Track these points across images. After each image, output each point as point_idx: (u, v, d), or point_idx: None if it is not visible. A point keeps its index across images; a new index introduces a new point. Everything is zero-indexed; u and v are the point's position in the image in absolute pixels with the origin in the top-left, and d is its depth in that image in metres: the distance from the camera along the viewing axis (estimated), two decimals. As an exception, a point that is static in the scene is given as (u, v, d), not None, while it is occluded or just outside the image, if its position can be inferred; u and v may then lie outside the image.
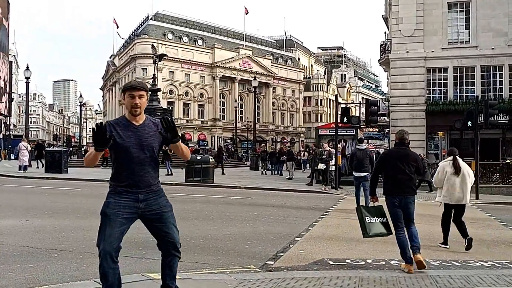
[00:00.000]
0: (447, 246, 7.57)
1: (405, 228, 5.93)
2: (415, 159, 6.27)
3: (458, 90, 25.14)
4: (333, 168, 18.17)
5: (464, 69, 25.07)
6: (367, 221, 6.07)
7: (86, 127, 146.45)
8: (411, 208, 6.09)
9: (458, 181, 7.51)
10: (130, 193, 3.45)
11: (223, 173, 25.13)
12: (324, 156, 18.43)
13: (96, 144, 3.32)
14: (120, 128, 3.45)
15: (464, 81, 25.10)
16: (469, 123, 16.90)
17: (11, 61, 66.40)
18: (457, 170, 7.49)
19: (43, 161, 24.56)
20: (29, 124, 31.64)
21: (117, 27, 77.40)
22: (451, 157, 7.73)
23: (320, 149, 20.19)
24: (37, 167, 26.49)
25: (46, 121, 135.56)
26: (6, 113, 55.40)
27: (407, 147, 6.46)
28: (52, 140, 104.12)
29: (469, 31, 25.12)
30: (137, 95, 3.45)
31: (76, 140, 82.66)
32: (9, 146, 44.78)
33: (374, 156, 13.07)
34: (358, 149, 12.56)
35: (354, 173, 12.31)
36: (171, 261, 3.60)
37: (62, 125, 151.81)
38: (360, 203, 7.90)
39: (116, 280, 3.42)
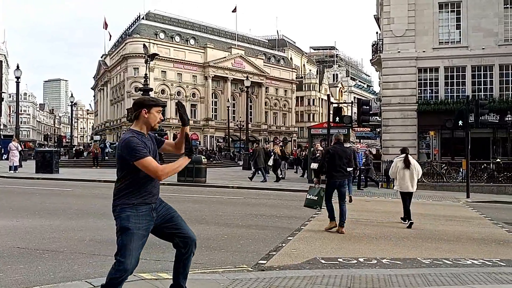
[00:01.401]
0: (405, 222, 9.61)
1: (339, 203, 8.54)
2: (350, 154, 9.10)
3: (449, 90, 25.31)
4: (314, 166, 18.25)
5: (455, 69, 25.24)
6: (307, 196, 8.81)
7: (78, 127, 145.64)
8: (344, 188, 8.82)
9: (408, 174, 9.53)
10: (147, 204, 3.44)
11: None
12: (318, 155, 18.47)
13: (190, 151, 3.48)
14: (145, 141, 3.46)
15: (455, 81, 25.28)
16: (460, 123, 17.04)
17: (1, 61, 65.81)
18: (407, 165, 9.53)
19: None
20: (19, 124, 31.35)
21: (106, 27, 76.82)
22: (403, 155, 9.73)
23: (312, 149, 20.25)
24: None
25: (37, 121, 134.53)
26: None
27: (343, 145, 9.11)
28: (43, 140, 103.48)
29: (460, 31, 25.30)
30: (160, 112, 3.58)
31: (67, 140, 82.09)
32: (-1, 147, 44.36)
33: (355, 153, 14.43)
34: (345, 148, 12.91)
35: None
36: (187, 259, 3.64)
37: (53, 125, 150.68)
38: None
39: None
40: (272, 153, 23.93)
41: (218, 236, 7.50)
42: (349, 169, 12.57)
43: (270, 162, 22.69)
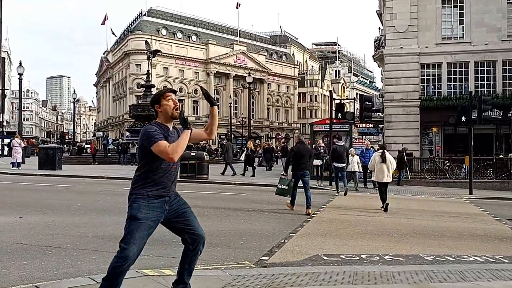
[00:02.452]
0: (386, 210, 10.98)
1: (304, 190, 10.39)
2: (309, 151, 11.45)
3: (452, 86, 25.24)
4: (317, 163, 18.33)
5: (458, 64, 25.15)
6: (278, 186, 11.03)
7: (80, 123, 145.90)
8: (307, 179, 10.64)
9: (384, 167, 11.14)
10: (160, 196, 3.50)
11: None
12: (322, 151, 18.50)
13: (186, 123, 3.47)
14: (165, 133, 3.50)
15: (458, 76, 25.20)
16: (463, 119, 16.97)
17: (4, 58, 65.89)
18: (383, 159, 11.14)
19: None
20: (22, 120, 31.41)
21: (103, 23, 76.74)
22: (381, 150, 11.52)
23: (314, 145, 20.21)
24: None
25: (40, 117, 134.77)
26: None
27: (305, 144, 12.04)
28: (45, 136, 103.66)
29: (462, 27, 25.21)
30: (174, 98, 3.61)
31: (69, 136, 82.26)
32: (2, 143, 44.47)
33: (347, 151, 16.31)
34: (338, 145, 15.68)
35: (334, 164, 15.31)
36: (193, 256, 3.67)
37: (55, 122, 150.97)
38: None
39: (122, 280, 3.47)
40: (245, 148, 25.11)
41: (221, 233, 7.51)
42: (341, 165, 15.22)
43: (242, 157, 23.91)
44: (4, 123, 65.21)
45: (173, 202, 3.61)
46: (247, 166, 23.44)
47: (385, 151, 11.42)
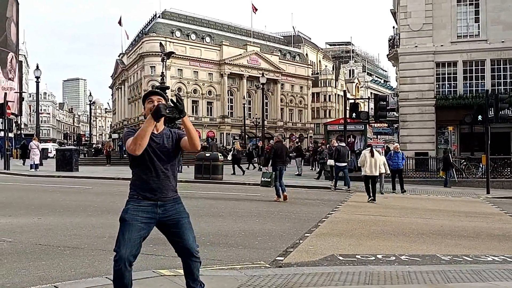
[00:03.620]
0: (374, 200, 12.75)
1: (278, 181, 12.57)
2: (286, 149, 13.84)
3: (468, 84, 24.91)
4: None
5: (473, 63, 24.83)
6: (262, 179, 13.24)
7: (96, 125, 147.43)
8: (283, 172, 12.85)
9: (373, 162, 13.09)
10: (149, 199, 3.50)
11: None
12: (331, 151, 18.41)
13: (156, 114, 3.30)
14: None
15: (474, 75, 24.87)
16: (479, 118, 16.76)
17: (21, 61, 66.97)
18: (372, 155, 13.16)
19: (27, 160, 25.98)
20: (40, 123, 31.87)
21: (120, 23, 77.47)
22: (369, 148, 13.84)
23: (328, 145, 20.16)
24: (23, 164, 27.82)
25: (57, 120, 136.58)
26: (17, 113, 55.91)
27: (283, 143, 14.52)
28: (62, 138, 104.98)
29: (478, 24, 24.86)
30: (156, 99, 3.46)
31: (86, 138, 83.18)
32: (18, 146, 45.19)
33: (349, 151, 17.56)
34: (341, 146, 16.71)
35: (336, 163, 16.31)
36: (189, 266, 3.66)
37: (72, 124, 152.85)
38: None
39: (130, 281, 3.45)
40: (232, 149, 25.82)
41: (236, 233, 7.53)
42: (343, 164, 16.19)
43: (229, 157, 24.62)
44: (22, 126, 66.24)
45: (169, 208, 3.54)
46: (235, 166, 24.15)
47: (373, 148, 13.88)
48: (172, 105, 3.35)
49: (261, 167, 23.48)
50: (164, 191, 3.52)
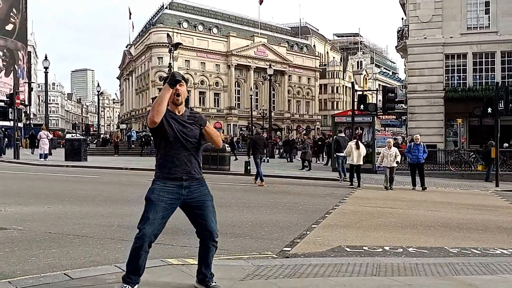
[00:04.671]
0: (353, 186, 14.37)
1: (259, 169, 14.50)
2: (263, 140, 16.25)
3: (477, 76, 24.71)
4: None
5: (483, 54, 24.59)
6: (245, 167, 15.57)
7: (104, 116, 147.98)
8: (261, 161, 15.15)
9: (357, 153, 14.57)
10: (174, 180, 3.57)
11: None
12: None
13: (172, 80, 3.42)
14: (166, 115, 3.54)
15: (483, 67, 24.65)
16: (489, 110, 16.61)
17: (30, 52, 67.23)
18: (357, 147, 14.62)
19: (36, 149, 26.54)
20: (48, 113, 32.08)
21: (129, 17, 77.66)
22: (355, 140, 15.19)
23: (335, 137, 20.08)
24: (32, 153, 28.34)
25: (65, 110, 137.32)
26: (26, 103, 56.29)
27: (261, 136, 17.33)
28: (71, 129, 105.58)
29: (489, 16, 24.59)
30: (179, 85, 3.56)
31: (94, 129, 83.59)
32: (26, 136, 45.59)
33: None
34: (340, 137, 17.64)
35: (337, 153, 17.29)
36: (207, 250, 3.73)
37: (80, 114, 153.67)
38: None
39: (144, 263, 3.55)
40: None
41: (243, 223, 7.56)
42: (342, 154, 16.45)
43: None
44: (31, 116, 66.70)
45: (194, 189, 3.64)
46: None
47: (359, 141, 15.25)
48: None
49: (268, 158, 23.50)
50: (188, 172, 3.61)
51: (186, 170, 3.60)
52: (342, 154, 16.48)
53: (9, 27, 53.52)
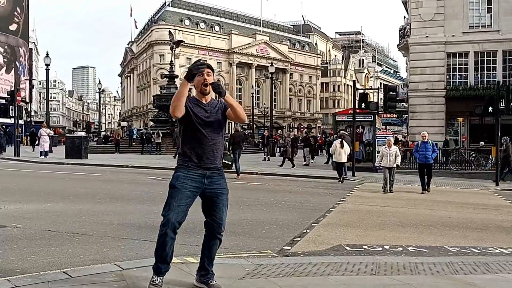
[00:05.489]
0: (339, 181, 15.32)
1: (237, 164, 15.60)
2: (242, 137, 18.05)
3: (479, 75, 24.66)
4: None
5: (485, 53, 24.54)
6: (223, 161, 14.72)
7: (105, 113, 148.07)
8: (240, 156, 16.11)
9: (342, 151, 15.58)
10: (199, 168, 3.62)
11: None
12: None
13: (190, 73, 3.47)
14: (191, 104, 3.60)
15: (485, 66, 24.60)
16: (490, 109, 16.56)
17: (31, 48, 67.23)
18: (342, 146, 15.63)
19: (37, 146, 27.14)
20: (49, 110, 32.11)
21: (131, 15, 77.67)
22: (340, 139, 16.08)
23: (336, 135, 20.09)
24: (33, 150, 28.76)
25: (66, 107, 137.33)
26: (27, 100, 56.30)
27: (240, 133, 17.72)
28: (72, 126, 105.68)
29: (491, 15, 24.53)
30: (206, 72, 3.58)
31: (95, 126, 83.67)
32: (27, 133, 45.64)
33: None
34: (345, 134, 18.16)
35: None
36: (212, 243, 3.78)
37: (81, 112, 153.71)
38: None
39: (172, 251, 3.59)
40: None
41: (243, 222, 7.56)
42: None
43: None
44: (32, 113, 66.75)
45: (216, 180, 3.71)
46: None
47: (343, 140, 15.99)
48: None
49: (269, 156, 23.52)
50: (212, 160, 3.65)
51: (209, 160, 3.64)
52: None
53: (13, 27, 53.47)
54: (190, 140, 3.63)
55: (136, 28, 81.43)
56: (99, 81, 53.30)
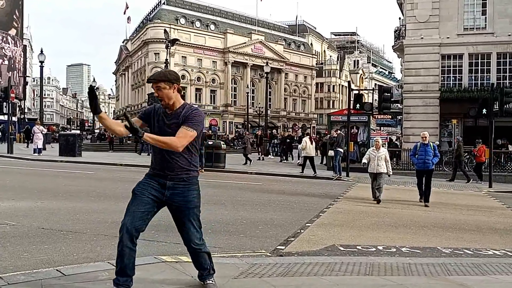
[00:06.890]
0: (316, 174, 17.13)
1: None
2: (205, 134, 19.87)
3: (473, 77, 24.77)
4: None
5: (479, 55, 24.66)
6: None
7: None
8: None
9: (312, 147, 17.93)
10: (160, 177, 3.54)
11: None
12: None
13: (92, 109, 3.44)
14: (157, 114, 3.56)
15: (479, 68, 24.72)
16: (484, 111, 16.67)
17: (25, 45, 66.80)
18: (311, 142, 18.01)
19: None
20: (43, 107, 31.93)
21: (125, 12, 77.42)
22: (308, 136, 18.76)
23: (329, 136, 20.13)
24: (27, 147, 29.07)
25: (60, 105, 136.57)
26: (20, 97, 55.93)
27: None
28: (66, 123, 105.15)
29: (485, 17, 24.65)
30: (155, 87, 3.47)
31: (89, 124, 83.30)
32: (22, 130, 45.44)
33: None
34: (341, 133, 18.44)
35: (337, 148, 17.76)
36: (192, 253, 3.78)
37: (75, 109, 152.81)
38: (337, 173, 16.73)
39: (131, 263, 3.44)
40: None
41: (237, 221, 7.56)
42: (341, 149, 17.78)
43: None
44: (26, 110, 66.33)
45: (179, 192, 3.52)
46: None
47: (311, 137, 18.70)
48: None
49: (263, 156, 23.50)
50: (171, 170, 3.50)
51: (170, 169, 3.50)
52: (341, 150, 17.73)
53: (12, 31, 53.16)
54: (152, 148, 3.62)
55: (129, 23, 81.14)
56: (94, 79, 53.11)
